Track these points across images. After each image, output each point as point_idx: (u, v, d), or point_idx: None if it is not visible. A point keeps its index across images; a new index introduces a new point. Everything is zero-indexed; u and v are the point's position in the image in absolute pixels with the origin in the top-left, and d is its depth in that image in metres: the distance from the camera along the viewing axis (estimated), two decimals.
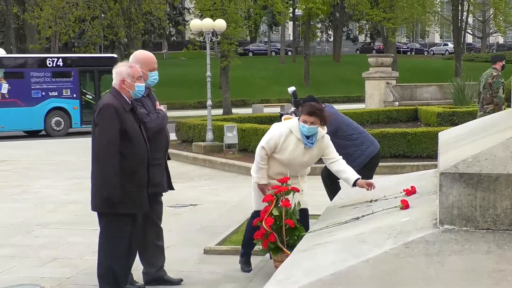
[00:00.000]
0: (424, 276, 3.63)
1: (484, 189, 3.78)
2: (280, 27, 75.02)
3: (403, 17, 58.93)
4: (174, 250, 8.51)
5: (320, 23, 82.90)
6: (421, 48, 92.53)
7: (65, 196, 13.22)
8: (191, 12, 68.84)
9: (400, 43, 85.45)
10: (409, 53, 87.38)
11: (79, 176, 15.56)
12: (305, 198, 7.50)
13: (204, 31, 21.93)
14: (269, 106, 40.56)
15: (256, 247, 7.85)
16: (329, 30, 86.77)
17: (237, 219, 10.18)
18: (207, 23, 21.93)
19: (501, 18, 68.02)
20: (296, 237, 6.84)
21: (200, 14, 52.39)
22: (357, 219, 5.04)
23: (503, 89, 14.98)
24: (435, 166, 7.28)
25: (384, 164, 15.46)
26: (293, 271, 4.12)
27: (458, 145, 4.92)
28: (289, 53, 76.01)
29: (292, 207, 7.03)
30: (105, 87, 28.84)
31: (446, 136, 5.94)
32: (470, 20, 77.73)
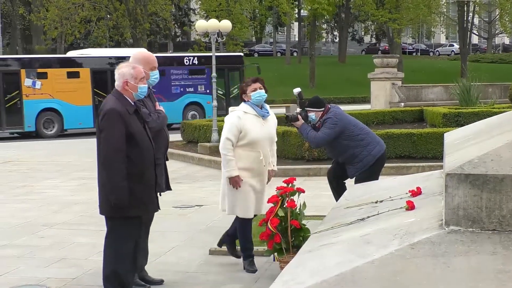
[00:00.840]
0: (430, 277, 3.63)
1: (490, 190, 3.77)
2: (285, 27, 75.06)
3: (408, 17, 58.91)
4: (180, 250, 8.51)
5: (325, 24, 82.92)
6: (427, 49, 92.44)
7: (71, 196, 13.24)
8: (196, 12, 68.97)
9: (406, 43, 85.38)
10: (414, 54, 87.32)
11: (84, 176, 15.58)
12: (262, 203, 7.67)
13: (210, 32, 21.93)
14: (274, 107, 40.40)
15: (261, 248, 7.85)
16: (334, 31, 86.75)
17: None
18: (212, 24, 21.92)
19: (507, 19, 67.90)
20: (301, 238, 6.84)
21: (205, 15, 52.49)
22: (363, 220, 5.03)
23: None
24: (441, 167, 7.27)
25: (389, 164, 15.44)
26: (298, 272, 4.11)
27: (463, 146, 4.91)
28: (295, 53, 76.00)
29: (297, 208, 7.03)
30: (234, 83, 33.41)
31: (452, 137, 5.93)
32: (476, 20, 77.73)
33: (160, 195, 7.16)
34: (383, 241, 4.08)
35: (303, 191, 7.14)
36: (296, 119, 8.98)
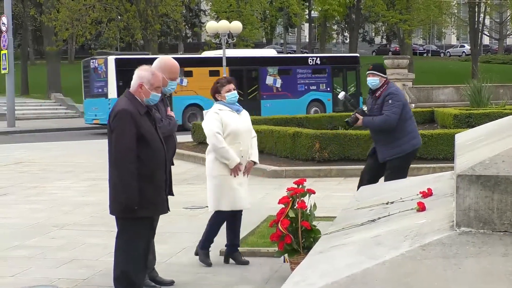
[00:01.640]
0: (441, 279, 3.62)
1: (501, 192, 3.76)
2: (296, 29, 74.98)
3: (419, 18, 58.79)
4: (191, 251, 8.51)
5: (336, 25, 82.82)
6: (438, 49, 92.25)
7: (82, 197, 13.27)
8: (207, 14, 69.01)
9: (417, 44, 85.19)
10: (425, 54, 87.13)
11: (95, 177, 15.62)
12: (247, 196, 8.09)
13: (220, 33, 22.00)
14: None
15: (272, 249, 7.86)
16: (345, 32, 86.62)
17: (252, 220, 10.17)
18: (223, 25, 21.98)
19: None
20: (312, 239, 6.84)
21: (216, 16, 52.52)
22: (373, 221, 5.02)
23: None
24: (452, 168, 7.25)
25: None
26: (309, 273, 4.11)
27: (475, 147, 4.90)
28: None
29: (308, 209, 7.03)
30: (350, 82, 36.34)
31: (463, 138, 5.91)
32: (487, 21, 77.45)
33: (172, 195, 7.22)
34: (394, 242, 4.07)
35: (314, 192, 7.14)
36: (356, 120, 9.16)
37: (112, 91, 30.91)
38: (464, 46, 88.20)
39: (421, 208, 4.82)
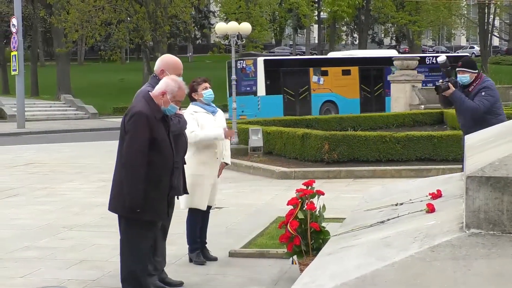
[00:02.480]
0: (450, 280, 3.61)
1: (511, 193, 3.75)
2: (305, 30, 74.95)
3: (429, 20, 58.73)
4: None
5: (345, 26, 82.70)
6: (447, 51, 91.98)
7: (91, 198, 13.30)
8: (216, 15, 69.15)
9: (426, 46, 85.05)
10: None
11: (105, 178, 15.63)
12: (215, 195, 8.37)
13: (230, 34, 21.97)
14: None
15: (281, 250, 7.86)
16: (354, 33, 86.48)
17: (262, 222, 10.18)
18: (232, 26, 21.95)
19: None
20: (321, 240, 6.84)
21: (225, 17, 52.58)
22: (383, 222, 5.02)
23: None
24: (461, 170, 7.24)
25: (409, 167, 15.40)
26: (318, 275, 4.11)
27: (484, 148, 4.89)
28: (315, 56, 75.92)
29: (317, 210, 7.03)
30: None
31: (473, 139, 5.90)
32: (497, 22, 77.26)
33: (178, 198, 7.23)
34: (403, 244, 4.07)
35: (323, 194, 7.14)
36: (447, 88, 9.09)
37: (261, 89, 32.82)
38: (473, 47, 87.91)
39: (431, 209, 4.82)
